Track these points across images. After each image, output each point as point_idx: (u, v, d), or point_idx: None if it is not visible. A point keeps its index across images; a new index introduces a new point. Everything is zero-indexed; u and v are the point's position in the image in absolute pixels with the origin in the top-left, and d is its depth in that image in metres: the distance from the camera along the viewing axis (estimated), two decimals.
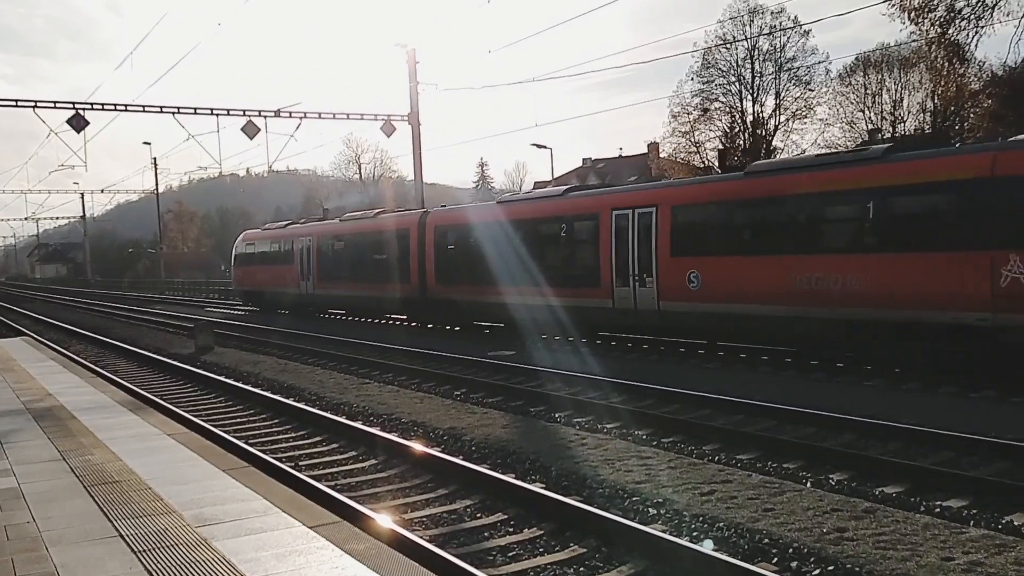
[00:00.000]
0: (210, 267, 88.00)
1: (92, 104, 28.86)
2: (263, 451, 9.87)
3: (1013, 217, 12.68)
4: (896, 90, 42.01)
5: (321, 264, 32.55)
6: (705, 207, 17.93)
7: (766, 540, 6.33)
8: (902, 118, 41.89)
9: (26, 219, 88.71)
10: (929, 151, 15.19)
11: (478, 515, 7.49)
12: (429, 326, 26.48)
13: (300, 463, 9.59)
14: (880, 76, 42.20)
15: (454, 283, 24.83)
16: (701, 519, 6.88)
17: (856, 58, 43.15)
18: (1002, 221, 12.75)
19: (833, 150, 20.37)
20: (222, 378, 16.23)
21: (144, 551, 4.74)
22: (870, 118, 42.42)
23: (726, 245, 17.02)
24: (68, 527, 5.26)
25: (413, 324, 27.62)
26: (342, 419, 11.57)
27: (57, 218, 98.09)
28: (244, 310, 39.53)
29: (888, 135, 41.57)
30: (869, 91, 42.43)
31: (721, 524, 6.71)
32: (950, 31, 25.05)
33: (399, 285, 27.10)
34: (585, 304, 19.94)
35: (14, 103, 28.50)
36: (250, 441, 10.67)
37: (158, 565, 4.51)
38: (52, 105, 28.61)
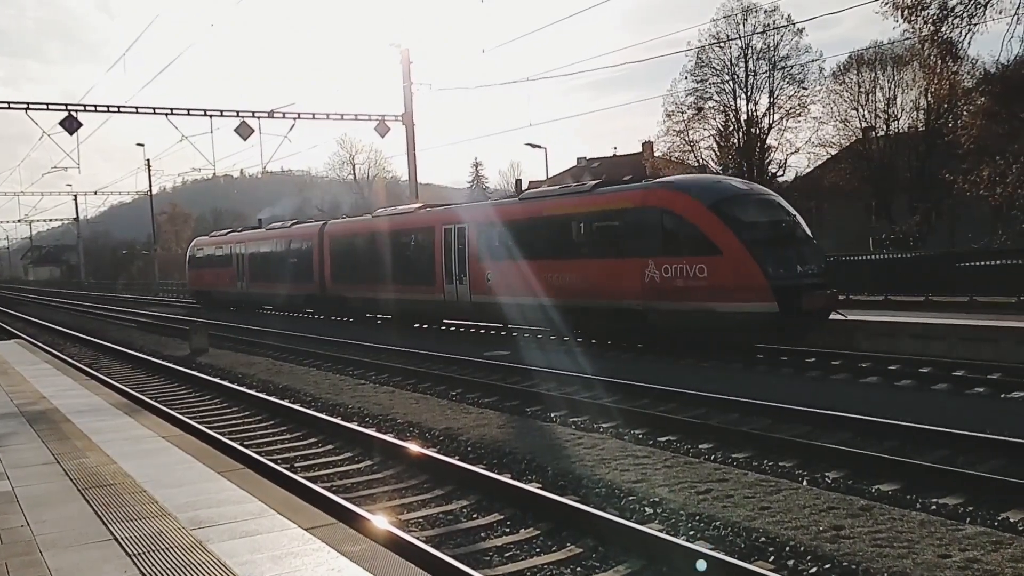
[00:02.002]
0: None
1: (85, 106, 28.79)
2: (258, 453, 9.84)
3: (651, 235, 17.71)
4: (889, 88, 42.07)
5: (252, 266, 37.77)
6: (495, 224, 22.59)
7: (763, 539, 6.33)
8: (896, 116, 41.95)
9: (19, 221, 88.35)
10: (617, 186, 20.16)
11: (474, 515, 7.47)
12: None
13: (295, 465, 9.56)
14: (873, 74, 42.23)
15: (344, 282, 30.05)
16: (697, 518, 6.87)
17: (849, 56, 43.19)
18: (646, 238, 17.81)
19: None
20: (217, 380, 16.19)
21: (139, 554, 4.72)
22: (864, 116, 42.48)
23: (506, 253, 21.81)
24: (62, 531, 5.23)
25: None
26: (337, 420, 11.54)
27: (50, 220, 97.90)
28: (236, 312, 39.76)
29: (882, 133, 41.66)
30: (863, 89, 42.45)
31: (717, 523, 6.71)
32: (943, 29, 25.06)
33: (306, 284, 32.39)
34: (428, 298, 25.01)
35: (7, 105, 28.38)
36: (245, 443, 10.64)
37: (153, 568, 4.49)
38: (45, 107, 28.52)
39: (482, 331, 24.47)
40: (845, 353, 16.07)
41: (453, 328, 25.90)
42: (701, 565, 5.77)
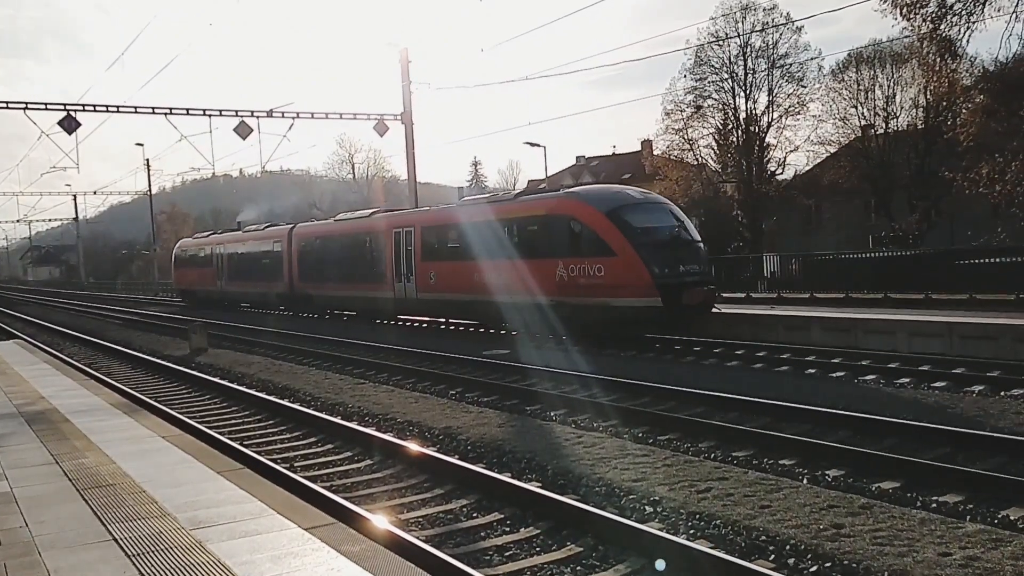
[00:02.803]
0: None
1: (84, 105, 28.75)
2: (258, 452, 9.83)
3: (560, 239, 20.24)
4: (888, 86, 41.95)
5: (230, 266, 40.51)
6: (436, 228, 25.47)
7: (763, 537, 6.32)
8: (895, 114, 41.85)
9: (18, 221, 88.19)
10: (535, 196, 23.12)
11: (474, 515, 7.46)
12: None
13: (295, 464, 9.55)
14: (872, 72, 42.12)
15: (309, 281, 32.97)
16: (697, 517, 6.87)
17: (848, 54, 43.03)
18: (556, 241, 20.33)
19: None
20: (216, 379, 16.18)
21: (138, 555, 4.71)
22: (863, 114, 42.37)
23: (445, 254, 24.60)
24: (61, 531, 5.23)
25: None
26: (337, 419, 11.53)
27: (49, 220, 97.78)
28: (237, 310, 39.94)
29: (881, 131, 41.61)
30: (862, 87, 42.32)
31: (718, 521, 6.70)
32: (942, 27, 25.05)
33: (277, 283, 35.30)
34: (381, 295, 27.57)
35: (5, 105, 28.35)
36: (245, 442, 10.63)
37: (152, 569, 4.48)
38: (43, 107, 28.49)
39: (480, 330, 24.49)
40: (845, 351, 16.14)
41: (452, 327, 25.90)
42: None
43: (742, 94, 43.20)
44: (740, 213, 44.54)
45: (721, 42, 42.20)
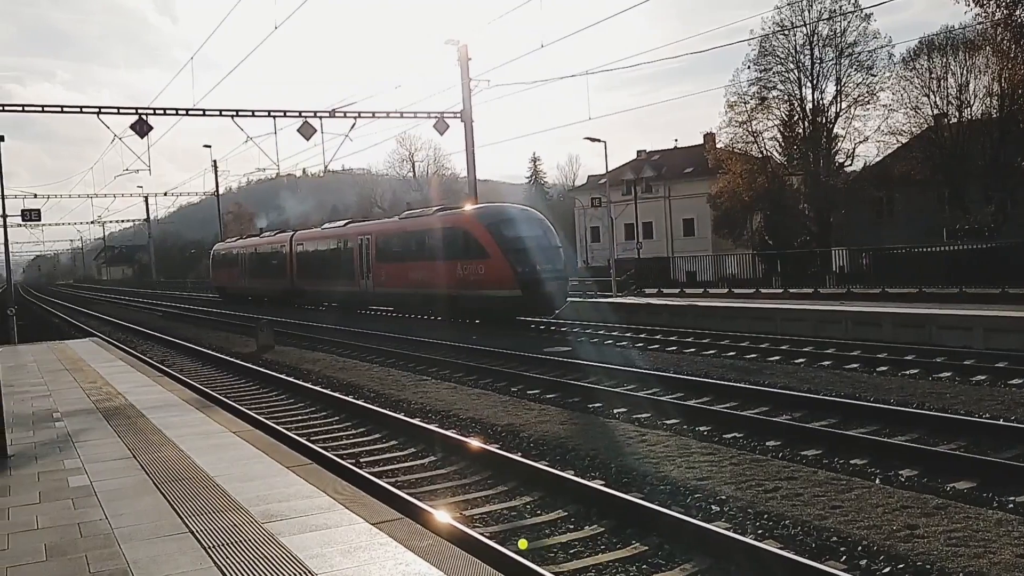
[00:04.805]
0: None
1: (155, 109, 29.49)
2: (325, 448, 10.00)
3: (458, 245, 26.25)
4: (961, 73, 40.59)
5: (249, 266, 48.28)
6: (385, 235, 32.69)
7: (834, 538, 6.20)
8: (968, 102, 40.50)
9: (92, 223, 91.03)
10: (447, 211, 28.89)
11: (538, 512, 7.47)
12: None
13: (361, 460, 9.69)
14: (945, 59, 40.80)
15: (305, 279, 40.33)
16: (766, 516, 6.77)
17: (920, 41, 41.82)
18: (456, 247, 26.37)
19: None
20: (283, 376, 16.50)
21: (214, 547, 4.84)
22: (935, 103, 41.09)
23: (390, 257, 31.66)
24: (139, 524, 5.40)
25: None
26: (401, 416, 11.66)
27: (122, 221, 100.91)
28: (306, 310, 40.80)
29: (954, 120, 40.34)
30: (934, 75, 41.03)
31: (787, 522, 6.60)
32: (1017, 12, 24.29)
33: (280, 281, 42.84)
34: (352, 290, 34.65)
35: (79, 109, 29.29)
36: (312, 438, 10.82)
37: (228, 561, 4.60)
38: (116, 111, 29.31)
39: (542, 327, 24.63)
40: (918, 347, 15.70)
41: (512, 326, 25.99)
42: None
43: (808, 84, 42.35)
44: (807, 206, 43.68)
45: (787, 31, 41.41)
